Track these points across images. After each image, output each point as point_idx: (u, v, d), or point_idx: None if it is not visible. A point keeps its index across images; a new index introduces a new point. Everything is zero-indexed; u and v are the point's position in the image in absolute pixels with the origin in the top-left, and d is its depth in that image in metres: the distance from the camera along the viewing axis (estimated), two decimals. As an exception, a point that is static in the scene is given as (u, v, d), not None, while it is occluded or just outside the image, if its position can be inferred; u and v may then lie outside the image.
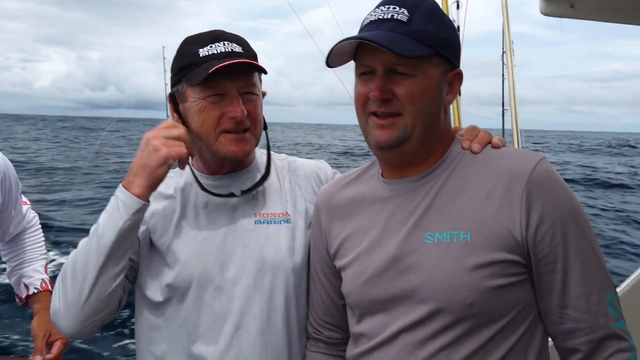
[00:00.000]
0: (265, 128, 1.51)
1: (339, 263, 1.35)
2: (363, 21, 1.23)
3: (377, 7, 1.22)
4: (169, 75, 1.49)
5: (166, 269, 1.43)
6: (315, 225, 1.47)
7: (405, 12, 1.17)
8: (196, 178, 1.49)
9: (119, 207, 1.30)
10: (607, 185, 19.74)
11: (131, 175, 1.32)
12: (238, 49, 1.42)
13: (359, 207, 1.34)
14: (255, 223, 1.47)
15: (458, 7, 6.05)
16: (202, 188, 1.47)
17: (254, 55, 1.45)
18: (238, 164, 1.51)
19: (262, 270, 1.43)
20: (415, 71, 1.16)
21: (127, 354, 5.49)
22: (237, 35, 1.47)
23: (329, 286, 1.42)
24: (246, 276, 1.42)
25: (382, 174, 1.33)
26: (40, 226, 2.26)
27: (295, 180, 1.57)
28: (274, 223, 1.48)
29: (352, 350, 1.34)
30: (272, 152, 1.62)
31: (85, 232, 1.37)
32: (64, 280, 1.33)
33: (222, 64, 1.33)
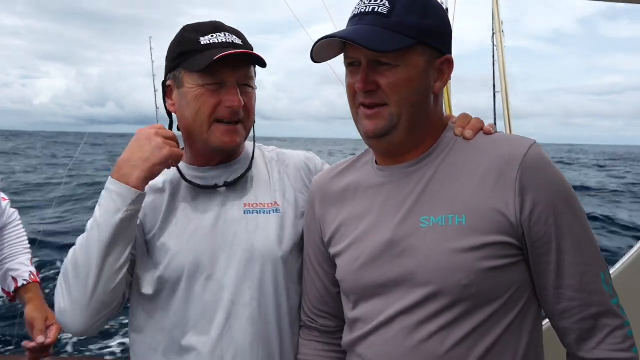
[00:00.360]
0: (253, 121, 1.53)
1: (333, 250, 1.36)
2: (350, 15, 1.25)
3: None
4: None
5: (157, 261, 1.43)
6: (309, 214, 1.47)
7: (387, 3, 1.18)
8: (179, 171, 1.49)
9: (114, 200, 1.30)
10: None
11: (127, 168, 1.32)
12: (238, 41, 1.44)
13: (352, 194, 1.36)
14: (245, 213, 1.47)
15: None
16: (186, 180, 1.48)
17: (251, 49, 1.47)
18: (228, 156, 1.51)
19: (251, 260, 1.43)
20: (398, 61, 1.17)
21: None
22: (236, 29, 1.49)
23: (323, 274, 1.43)
24: (236, 265, 1.43)
25: (375, 161, 1.35)
26: (20, 221, 2.22)
27: (285, 171, 1.58)
28: (263, 213, 1.49)
29: (347, 336, 1.34)
30: (261, 145, 1.63)
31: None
32: (66, 279, 1.32)
33: (228, 52, 1.35)
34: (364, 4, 1.21)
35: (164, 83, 1.50)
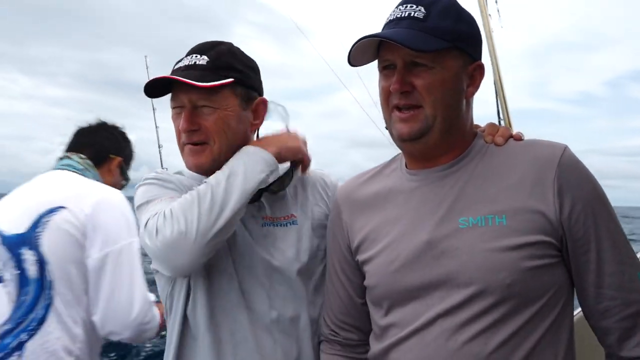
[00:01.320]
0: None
1: (362, 256, 1.34)
2: (385, 21, 1.28)
3: (397, 6, 1.27)
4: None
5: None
6: (334, 222, 1.46)
7: (422, 9, 1.22)
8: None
9: (259, 162, 1.38)
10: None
11: (271, 147, 1.43)
12: (202, 61, 1.43)
13: (383, 200, 1.35)
14: (262, 226, 1.47)
15: None
16: None
17: (224, 67, 1.43)
18: None
19: (270, 273, 1.43)
20: (434, 63, 1.20)
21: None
22: (222, 46, 1.47)
23: (348, 284, 1.41)
24: (254, 279, 1.42)
25: (406, 165, 1.35)
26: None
27: (300, 184, 1.59)
28: (280, 225, 1.49)
29: (378, 345, 1.31)
30: None
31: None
32: (200, 206, 1.28)
33: (154, 78, 1.41)
34: (400, 9, 1.24)
35: None
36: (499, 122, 3.04)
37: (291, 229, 1.50)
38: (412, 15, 1.21)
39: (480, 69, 1.28)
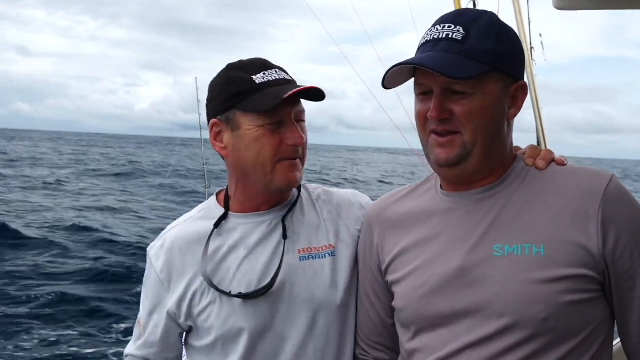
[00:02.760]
0: None
1: (392, 277, 1.31)
2: (420, 41, 1.22)
3: (433, 25, 1.21)
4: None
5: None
6: (365, 241, 1.42)
7: (461, 29, 1.16)
8: (222, 218, 1.45)
9: None
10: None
11: None
12: (288, 76, 1.41)
13: (415, 220, 1.31)
14: (300, 260, 1.41)
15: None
16: (215, 226, 1.43)
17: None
18: (282, 199, 1.46)
19: (312, 309, 1.38)
20: (473, 89, 1.14)
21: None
22: (278, 66, 1.45)
23: (379, 304, 1.38)
24: (296, 316, 1.38)
25: (441, 187, 1.30)
26: None
27: (335, 209, 1.52)
28: (319, 258, 1.43)
29: None
30: (305, 184, 1.57)
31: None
32: None
33: (297, 89, 1.32)
34: (437, 30, 1.19)
35: (209, 123, 1.44)
36: (537, 139, 2.92)
37: (328, 261, 1.43)
38: (450, 36, 1.16)
39: (523, 89, 1.23)
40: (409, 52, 1.28)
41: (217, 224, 1.43)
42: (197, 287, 1.40)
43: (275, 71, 1.39)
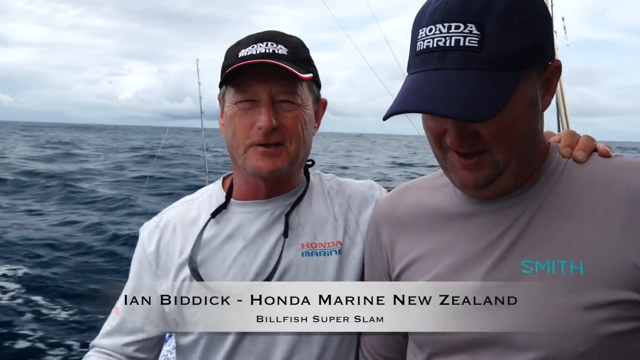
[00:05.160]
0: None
1: None
2: (417, 42, 0.94)
3: (432, 22, 0.91)
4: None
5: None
6: (373, 242, 1.25)
7: (474, 28, 0.87)
8: (217, 209, 1.33)
9: None
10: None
11: None
12: (282, 50, 1.24)
13: (430, 223, 1.12)
14: (302, 255, 1.28)
15: None
16: (212, 215, 1.33)
17: (303, 59, 1.27)
18: (278, 186, 1.32)
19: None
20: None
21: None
22: (293, 38, 1.29)
23: None
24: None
25: None
26: None
27: (347, 202, 1.37)
28: (323, 254, 1.29)
29: None
30: (319, 173, 1.44)
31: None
32: None
33: (245, 62, 1.19)
34: (440, 32, 0.89)
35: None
36: (558, 124, 2.53)
37: (333, 259, 1.30)
38: (461, 44, 0.88)
39: (557, 69, 0.99)
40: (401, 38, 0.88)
41: (214, 214, 1.32)
42: (188, 274, 1.28)
43: (267, 44, 1.24)
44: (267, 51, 1.23)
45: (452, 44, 0.88)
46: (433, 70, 0.90)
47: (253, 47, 1.25)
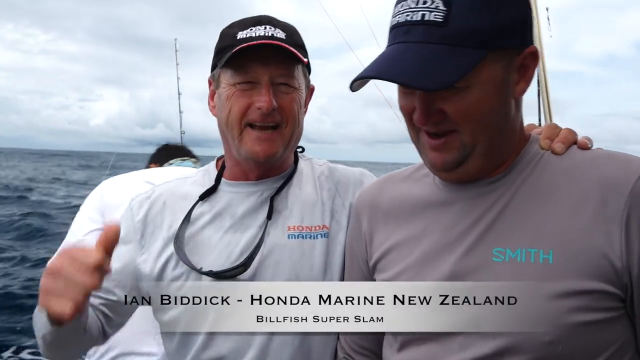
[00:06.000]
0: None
1: (380, 277, 1.14)
2: (391, 20, 0.98)
3: None
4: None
5: None
6: (353, 231, 1.25)
7: (440, 4, 0.90)
8: (210, 189, 1.35)
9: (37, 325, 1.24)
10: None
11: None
12: (280, 34, 1.26)
13: (408, 211, 1.13)
14: (289, 238, 1.29)
15: None
16: (200, 198, 1.34)
17: (299, 45, 1.28)
18: (268, 169, 1.33)
19: None
20: (467, 82, 0.91)
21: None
22: (287, 24, 1.31)
23: None
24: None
25: None
26: None
27: (336, 188, 1.38)
28: (309, 237, 1.30)
29: None
30: (311, 159, 1.46)
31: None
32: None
33: (249, 43, 1.20)
34: (410, 7, 0.92)
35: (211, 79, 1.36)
36: (539, 118, 2.56)
37: (320, 242, 1.31)
38: (426, 18, 0.90)
39: (533, 55, 0.98)
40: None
41: (202, 196, 1.34)
42: (172, 253, 1.29)
43: (265, 27, 1.27)
44: (267, 34, 1.25)
45: (418, 19, 0.91)
46: (398, 43, 0.93)
47: (251, 29, 1.26)
